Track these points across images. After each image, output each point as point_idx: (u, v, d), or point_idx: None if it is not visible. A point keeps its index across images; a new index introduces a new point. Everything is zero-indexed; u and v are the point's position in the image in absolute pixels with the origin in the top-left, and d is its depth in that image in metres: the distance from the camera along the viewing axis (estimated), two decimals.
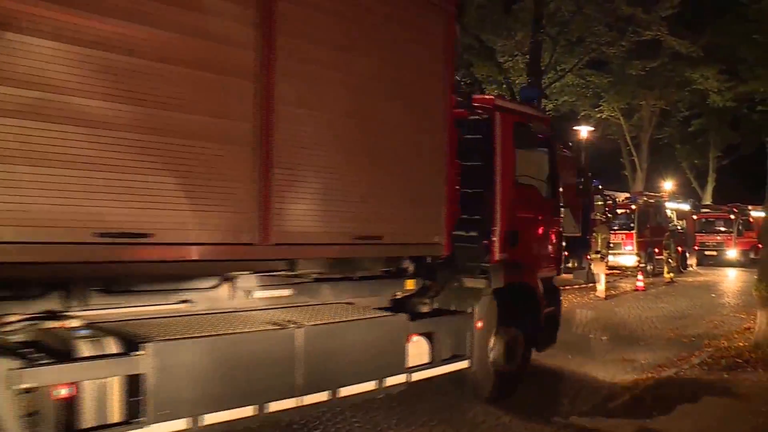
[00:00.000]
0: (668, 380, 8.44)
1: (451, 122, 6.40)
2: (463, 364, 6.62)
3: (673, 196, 34.12)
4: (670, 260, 23.02)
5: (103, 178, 3.88)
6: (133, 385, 4.05)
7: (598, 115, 35.20)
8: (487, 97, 7.70)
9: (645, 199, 26.54)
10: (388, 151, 5.78)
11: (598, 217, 16.97)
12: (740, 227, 30.74)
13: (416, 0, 6.03)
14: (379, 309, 6.03)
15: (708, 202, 37.47)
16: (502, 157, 7.08)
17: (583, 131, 32.46)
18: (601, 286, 17.08)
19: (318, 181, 5.15)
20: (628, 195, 27.36)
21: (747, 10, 12.50)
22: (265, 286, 5.36)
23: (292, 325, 4.91)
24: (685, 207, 30.23)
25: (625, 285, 20.63)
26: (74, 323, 4.21)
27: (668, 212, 27.54)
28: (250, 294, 5.25)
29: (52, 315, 4.15)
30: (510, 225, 7.08)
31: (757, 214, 29.00)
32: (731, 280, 24.41)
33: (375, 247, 5.73)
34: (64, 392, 3.78)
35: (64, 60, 3.70)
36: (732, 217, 30.73)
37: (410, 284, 6.48)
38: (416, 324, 6.01)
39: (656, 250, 24.34)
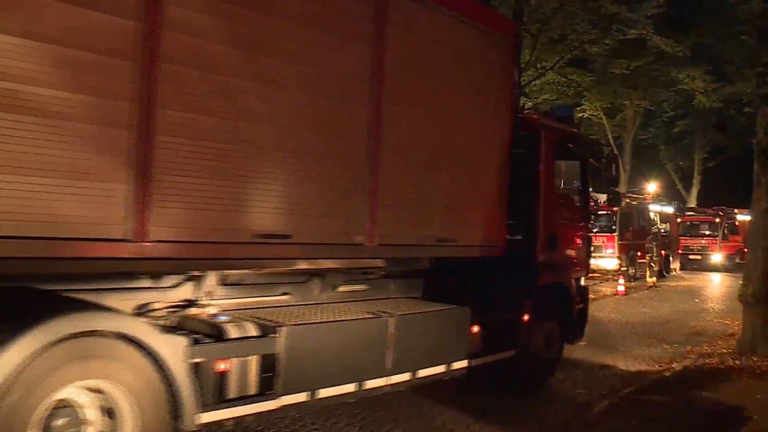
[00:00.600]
0: (648, 387, 8.27)
1: (510, 140, 7.36)
2: (510, 353, 7.34)
3: (657, 198, 33.96)
4: (652, 264, 22.85)
5: (264, 190, 4.90)
6: (267, 362, 4.81)
7: (580, 115, 35.06)
8: (533, 116, 8.69)
9: (627, 200, 26.32)
10: (466, 165, 6.83)
11: None
12: (726, 231, 30.59)
13: (487, 37, 7.02)
14: (443, 303, 6.73)
15: (693, 205, 37.46)
16: (545, 169, 7.97)
17: None
18: None
19: (416, 195, 6.20)
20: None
21: (734, 10, 12.32)
22: (347, 282, 6.31)
23: (385, 315, 5.80)
24: (669, 209, 30.05)
25: (606, 289, 20.39)
26: (212, 310, 5.06)
27: (651, 215, 27.34)
28: (335, 288, 6.21)
29: (191, 303, 5.05)
30: (550, 230, 8.00)
31: (743, 217, 28.89)
32: (716, 284, 24.28)
33: (451, 248, 6.69)
34: (222, 366, 4.57)
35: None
36: (717, 220, 30.62)
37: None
38: (476, 316, 6.72)
39: (638, 254, 24.15)
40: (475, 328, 6.69)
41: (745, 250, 12.30)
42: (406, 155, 6.07)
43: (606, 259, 23.86)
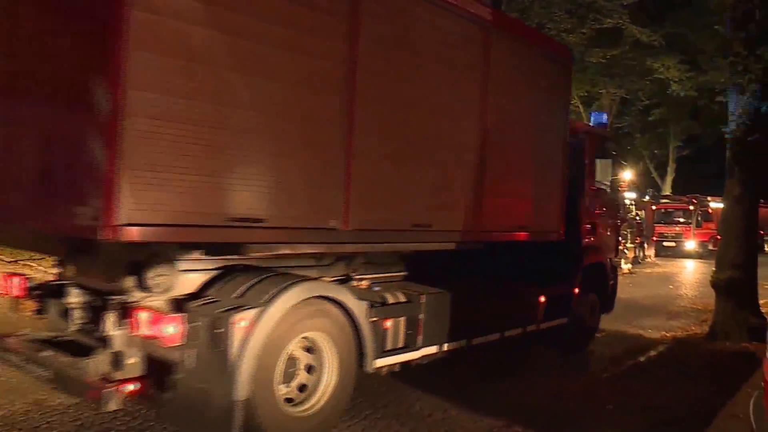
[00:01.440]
0: (624, 373, 8.50)
1: (566, 144, 8.71)
2: (564, 320, 8.89)
3: (633, 186, 34.35)
4: (625, 251, 23.16)
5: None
6: (411, 322, 6.43)
7: None
8: (579, 123, 10.29)
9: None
10: (540, 166, 8.24)
11: None
12: (699, 218, 31.03)
13: (553, 62, 8.59)
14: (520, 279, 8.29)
15: (667, 193, 37.90)
16: (588, 168, 9.42)
17: None
18: None
19: (513, 192, 7.82)
20: None
21: (707, 1, 12.51)
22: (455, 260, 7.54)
23: (481, 285, 7.60)
24: (644, 197, 30.43)
25: None
26: (366, 284, 6.50)
27: (627, 202, 27.66)
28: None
29: (348, 278, 6.42)
30: (591, 219, 9.46)
31: (716, 205, 29.31)
32: (689, 271, 24.70)
33: (527, 234, 8.05)
34: (387, 324, 6.16)
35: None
36: (691, 208, 31.05)
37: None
38: (543, 290, 8.38)
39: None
40: (542, 299, 8.35)
41: (718, 237, 12.56)
42: (505, 161, 7.61)
43: None
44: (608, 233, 10.17)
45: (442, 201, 6.75)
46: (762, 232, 27.99)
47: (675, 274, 23.01)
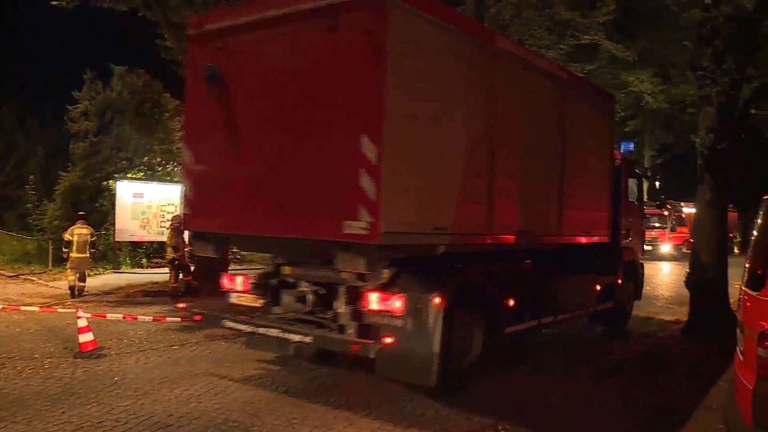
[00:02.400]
0: (603, 370, 8.69)
1: (612, 168, 11.14)
2: (610, 304, 11.18)
3: None
4: None
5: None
6: (523, 301, 8.31)
7: None
8: (616, 151, 11.80)
9: None
10: (595, 187, 10.55)
11: None
12: (673, 223, 31.80)
13: (605, 105, 11.15)
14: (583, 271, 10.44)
15: (643, 199, 38.43)
16: (624, 186, 11.78)
17: None
18: None
19: (580, 206, 9.90)
20: None
21: (678, 18, 12.97)
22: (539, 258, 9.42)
23: (559, 274, 9.74)
24: None
25: None
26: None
27: None
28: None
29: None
30: (626, 226, 11.80)
31: (689, 210, 29.99)
32: (665, 273, 25.14)
33: (588, 237, 10.32)
34: (511, 303, 8.11)
35: None
36: (666, 213, 31.66)
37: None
38: (598, 280, 10.74)
39: None
40: (598, 287, 10.63)
41: (691, 240, 12.99)
42: (580, 185, 9.87)
43: None
44: (637, 237, 12.72)
45: (543, 213, 9.03)
46: (731, 235, 28.66)
47: (651, 276, 23.39)
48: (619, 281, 11.39)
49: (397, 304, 6.74)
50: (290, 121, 6.78)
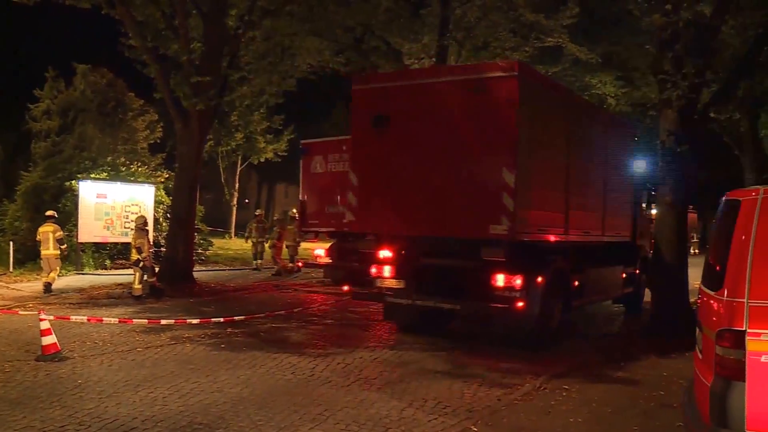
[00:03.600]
0: (567, 371, 8.78)
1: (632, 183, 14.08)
2: (631, 289, 14.16)
3: None
4: None
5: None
6: (583, 283, 11.50)
7: None
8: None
9: None
10: (623, 199, 13.31)
11: None
12: None
13: (630, 133, 14.53)
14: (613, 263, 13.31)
15: None
16: (639, 195, 14.67)
17: None
18: None
19: (614, 214, 12.75)
20: None
21: (639, 22, 13.21)
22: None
23: (602, 265, 12.58)
24: None
25: None
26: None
27: None
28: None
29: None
30: (640, 229, 14.57)
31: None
32: None
33: (617, 237, 13.05)
34: (576, 283, 11.19)
35: None
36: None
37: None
38: (624, 269, 13.61)
39: None
40: (623, 275, 13.52)
41: (653, 241, 13.31)
42: (615, 197, 12.58)
43: None
44: (647, 237, 15.22)
45: (594, 219, 11.79)
46: (690, 236, 29.14)
47: None
48: (638, 271, 14.48)
49: (518, 282, 9.37)
50: (444, 155, 9.74)
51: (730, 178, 24.44)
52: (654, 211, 17.23)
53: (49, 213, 16.07)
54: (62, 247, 15.46)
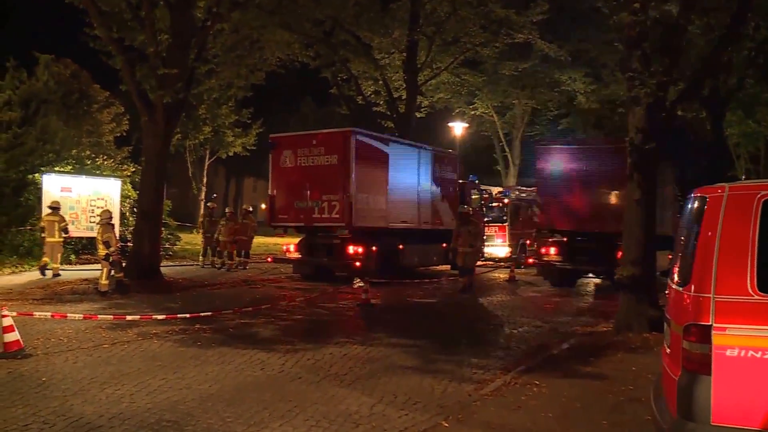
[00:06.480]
0: (537, 366, 8.81)
1: None
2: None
3: None
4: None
5: None
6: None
7: (473, 112, 36.28)
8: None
9: (517, 193, 27.54)
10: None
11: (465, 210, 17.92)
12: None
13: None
14: None
15: None
16: None
17: (458, 127, 33.42)
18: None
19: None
20: (501, 189, 28.36)
21: (607, 19, 13.31)
22: None
23: None
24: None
25: (500, 275, 21.42)
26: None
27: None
28: None
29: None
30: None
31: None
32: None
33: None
34: None
35: None
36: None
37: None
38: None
39: (528, 242, 25.39)
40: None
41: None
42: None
43: (498, 247, 25.08)
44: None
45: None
46: None
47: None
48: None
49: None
50: (601, 187, 16.82)
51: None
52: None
53: (53, 204, 17.48)
54: (65, 235, 17.42)
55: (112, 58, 17.25)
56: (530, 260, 23.07)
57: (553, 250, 18.17)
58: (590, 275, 19.45)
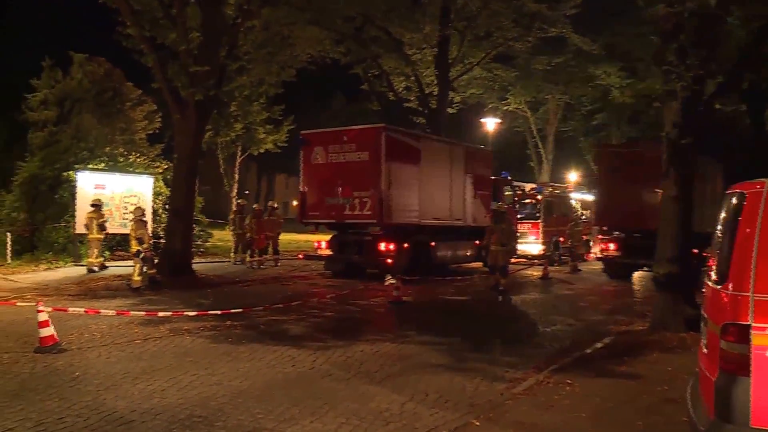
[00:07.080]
0: (570, 365, 8.68)
1: None
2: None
3: (578, 187, 35.21)
4: (573, 249, 23.80)
5: None
6: None
7: (506, 108, 35.99)
8: None
9: (551, 189, 27.26)
10: None
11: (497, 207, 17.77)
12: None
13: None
14: None
15: None
16: None
17: (491, 123, 33.17)
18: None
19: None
20: (534, 186, 28.09)
21: (642, 13, 13.03)
22: None
23: None
24: (590, 197, 31.27)
25: (533, 273, 21.23)
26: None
27: (573, 202, 28.41)
28: None
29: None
30: None
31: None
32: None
33: None
34: None
35: None
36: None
37: None
38: None
39: (561, 239, 25.10)
40: None
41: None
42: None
43: (531, 244, 24.84)
44: None
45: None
46: None
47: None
48: None
49: None
50: (655, 188, 15.07)
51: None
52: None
53: (94, 201, 17.98)
54: (104, 231, 17.80)
55: (144, 57, 17.43)
56: (590, 255, 25.30)
57: (612, 246, 19.93)
58: (645, 268, 19.80)
